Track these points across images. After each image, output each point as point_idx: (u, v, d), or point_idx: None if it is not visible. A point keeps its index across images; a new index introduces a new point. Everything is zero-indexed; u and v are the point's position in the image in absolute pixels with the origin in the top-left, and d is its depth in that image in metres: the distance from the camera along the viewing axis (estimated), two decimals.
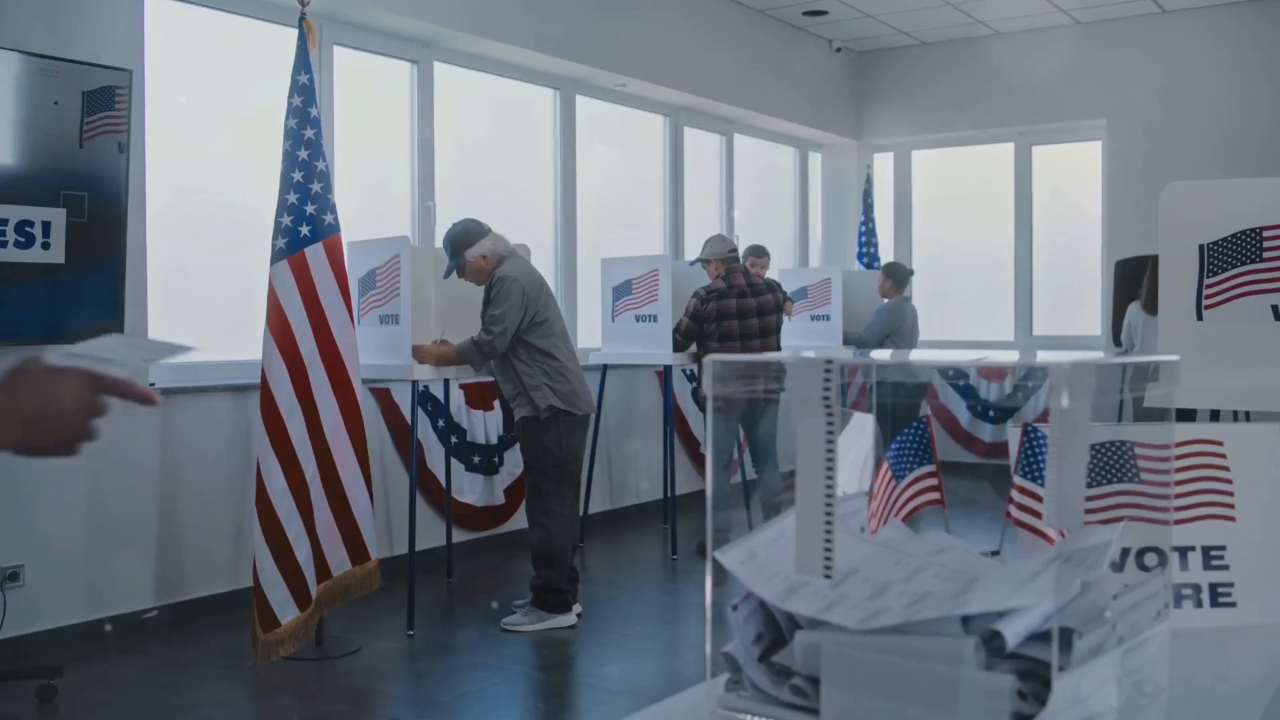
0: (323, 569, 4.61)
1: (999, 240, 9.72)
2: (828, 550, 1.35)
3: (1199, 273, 3.08)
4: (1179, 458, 1.89)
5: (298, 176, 4.56)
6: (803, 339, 8.05)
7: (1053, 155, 9.61)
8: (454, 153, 6.77)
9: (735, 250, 6.45)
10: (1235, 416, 4.51)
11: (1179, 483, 1.88)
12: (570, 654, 4.82)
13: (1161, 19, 8.80)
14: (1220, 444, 1.88)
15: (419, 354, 5.01)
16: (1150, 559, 1.86)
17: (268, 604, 4.42)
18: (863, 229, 9.78)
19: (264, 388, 4.48)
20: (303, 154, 4.59)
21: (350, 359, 4.69)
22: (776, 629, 1.47)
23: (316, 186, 4.61)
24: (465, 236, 5.07)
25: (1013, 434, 1.77)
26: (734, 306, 6.23)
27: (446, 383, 6.03)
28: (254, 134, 5.60)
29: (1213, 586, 1.84)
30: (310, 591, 4.53)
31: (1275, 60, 8.41)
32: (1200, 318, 3.07)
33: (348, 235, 5.88)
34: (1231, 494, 1.87)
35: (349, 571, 4.70)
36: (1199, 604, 1.84)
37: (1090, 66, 9.02)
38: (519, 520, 6.51)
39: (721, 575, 1.46)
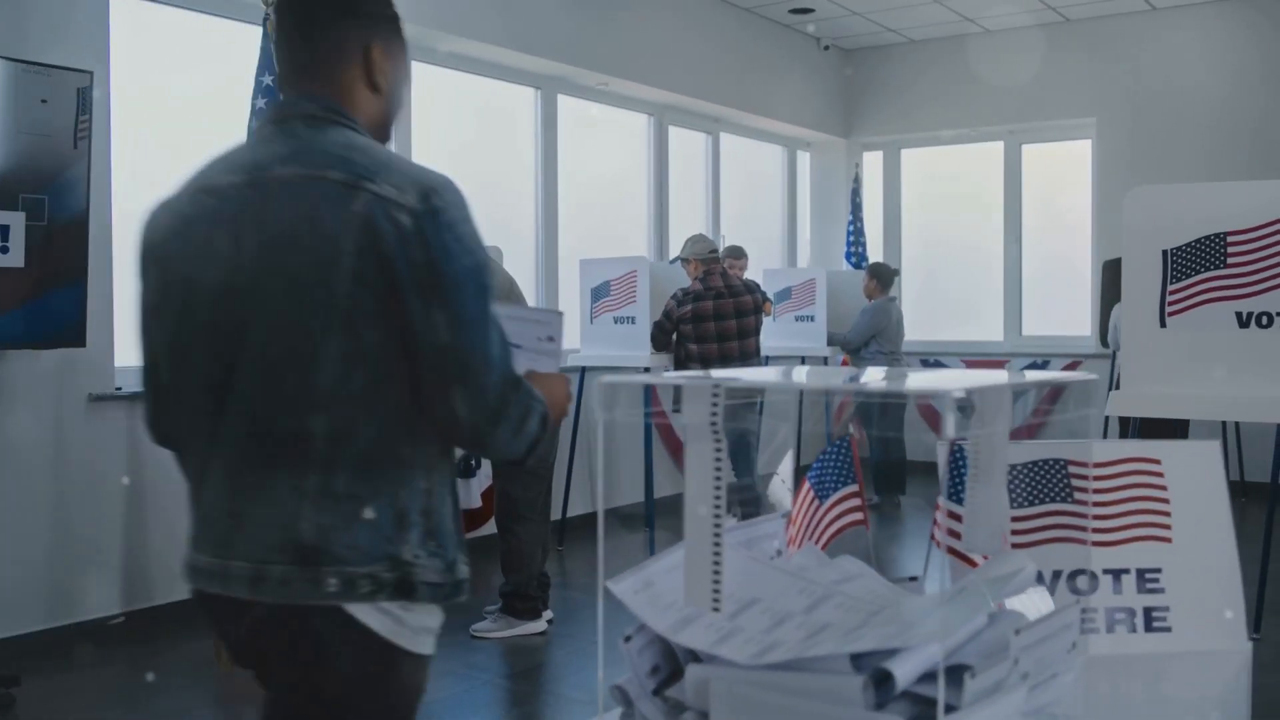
0: None
1: (989, 240, 9.65)
2: (716, 583, 1.29)
3: (1162, 278, 3.02)
4: (1115, 476, 1.83)
5: None
6: (787, 340, 7.99)
7: (1043, 154, 9.53)
8: (433, 154, 6.71)
9: (715, 251, 6.39)
10: (1225, 427, 4.45)
11: (1114, 503, 1.82)
12: (539, 662, 4.76)
13: (1152, 16, 8.72)
14: (1157, 462, 1.82)
15: None
16: (1082, 582, 1.80)
17: None
18: (851, 228, 9.70)
19: None
20: None
21: None
22: (675, 660, 1.41)
23: None
24: None
25: (940, 450, 1.71)
26: (711, 308, 6.16)
27: None
28: (224, 135, 5.54)
29: (1147, 611, 1.78)
30: None
31: (1266, 58, 8.34)
32: (1164, 324, 3.01)
33: None
34: (1168, 514, 1.81)
35: None
36: (1133, 629, 1.78)
37: (1079, 65, 8.95)
38: (487, 528, 6.45)
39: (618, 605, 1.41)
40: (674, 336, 6.30)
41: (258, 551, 1.65)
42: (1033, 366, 8.97)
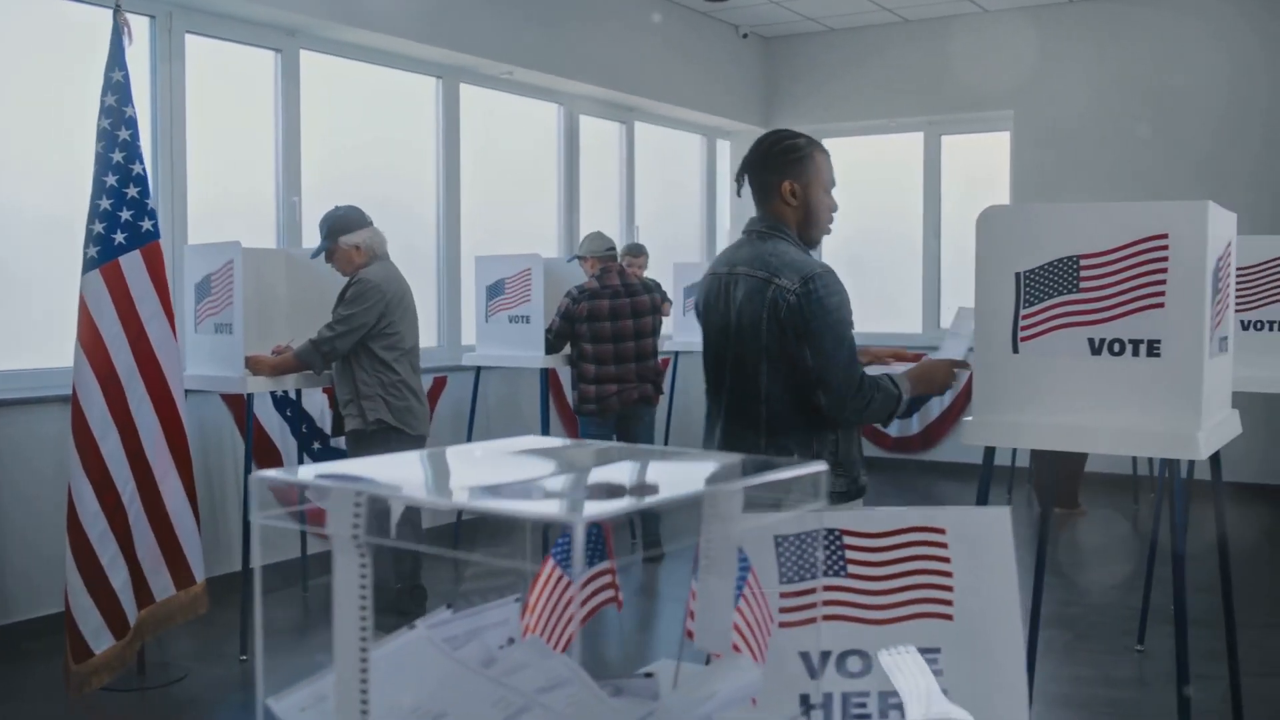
0: (144, 594, 4.36)
1: (909, 232, 9.56)
2: (364, 707, 1.14)
3: (1015, 302, 2.90)
4: (896, 548, 1.69)
5: (111, 180, 4.27)
6: (695, 335, 7.84)
7: (962, 146, 9.45)
8: (325, 146, 6.49)
9: (613, 249, 6.23)
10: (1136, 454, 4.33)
11: (894, 576, 1.68)
12: None
13: (1068, 8, 8.65)
14: (942, 531, 1.69)
15: (254, 365, 4.76)
16: (854, 663, 1.67)
17: (79, 633, 4.17)
18: None
19: (75, 405, 4.20)
20: (117, 156, 4.30)
21: (173, 373, 4.42)
22: None
23: (133, 191, 4.33)
24: (344, 222, 4.86)
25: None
26: (606, 307, 6.01)
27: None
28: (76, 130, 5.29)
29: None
30: (129, 619, 4.28)
31: (1190, 51, 8.29)
32: (1016, 350, 2.89)
33: (207, 236, 5.63)
34: (951, 589, 1.68)
35: (173, 596, 4.44)
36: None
37: (998, 56, 8.87)
38: None
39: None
40: (569, 338, 6.15)
41: None
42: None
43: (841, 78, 9.57)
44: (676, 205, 9.61)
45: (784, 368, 2.84)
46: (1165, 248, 2.77)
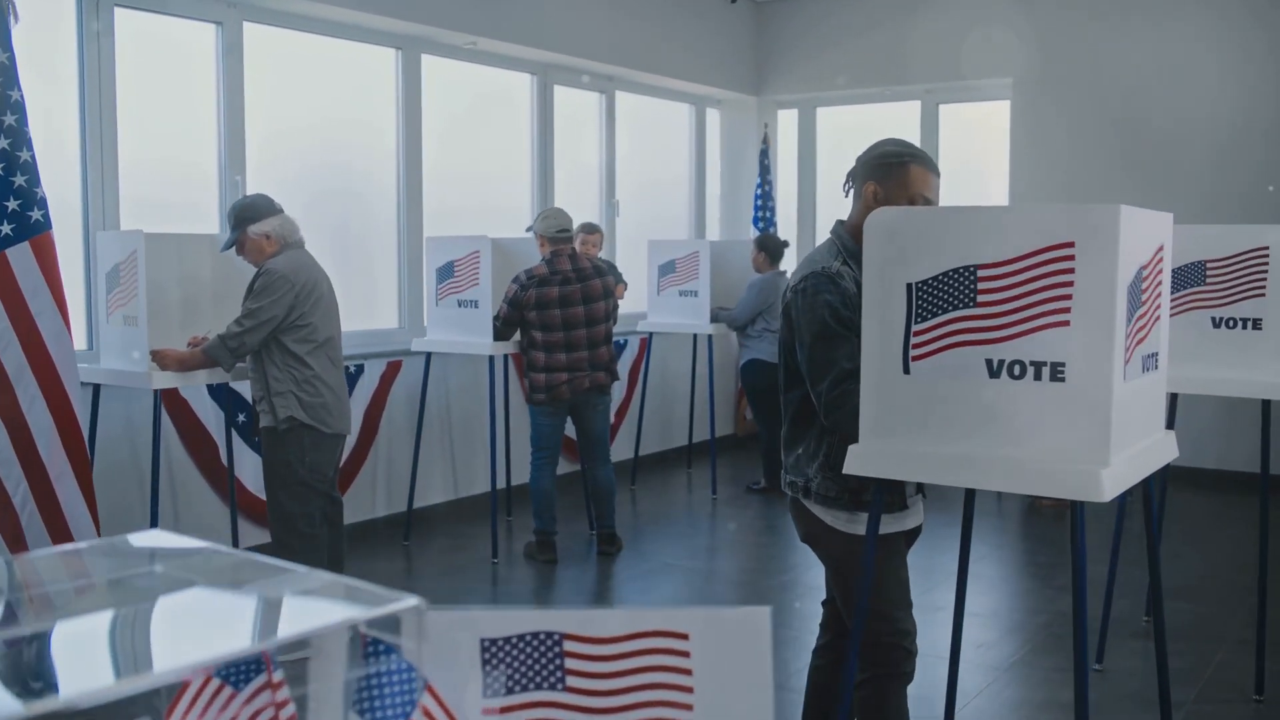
0: None
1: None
2: None
3: (906, 316, 2.59)
4: (628, 656, 1.41)
5: None
6: (670, 316, 7.56)
7: (961, 115, 9.05)
8: (273, 124, 6.22)
9: (567, 231, 5.92)
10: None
11: (623, 690, 1.41)
12: None
13: None
14: (685, 637, 1.41)
15: (161, 359, 4.53)
16: None
17: None
18: (759, 192, 9.24)
19: None
20: (2, 143, 4.06)
21: (67, 370, 4.21)
22: None
23: (20, 180, 4.10)
24: (250, 210, 4.58)
25: None
26: (556, 294, 5.72)
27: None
28: None
29: None
30: None
31: (1197, 13, 7.84)
32: (907, 370, 2.59)
33: (145, 219, 5.40)
34: (690, 707, 1.40)
35: None
36: None
37: (997, 22, 8.43)
38: None
39: None
40: (519, 325, 5.88)
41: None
42: None
43: (837, 44, 9.17)
44: (662, 180, 9.27)
45: (793, 363, 2.90)
46: (1071, 258, 2.45)
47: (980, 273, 2.54)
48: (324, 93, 6.65)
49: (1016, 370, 2.50)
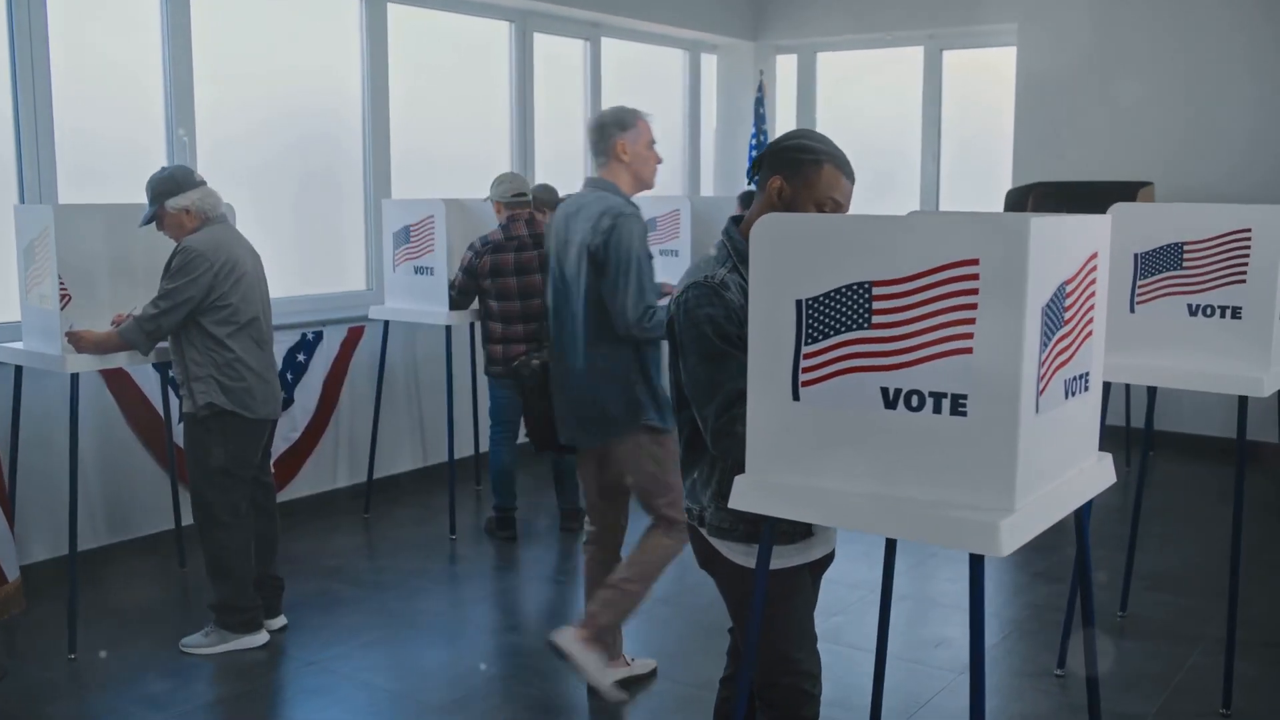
0: None
1: (906, 154, 8.80)
2: None
3: (796, 337, 2.31)
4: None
5: None
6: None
7: (965, 62, 8.62)
8: (223, 77, 5.94)
9: (524, 195, 5.63)
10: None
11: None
12: (251, 687, 4.19)
13: None
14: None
15: (77, 341, 4.31)
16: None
17: None
18: (754, 142, 8.88)
19: None
20: None
21: None
22: None
23: None
24: (169, 184, 4.32)
25: None
26: (511, 261, 5.46)
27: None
28: None
29: None
30: None
31: None
32: (797, 397, 2.32)
33: (83, 192, 5.17)
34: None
35: None
36: None
37: None
38: (286, 493, 5.91)
39: None
40: (474, 294, 5.62)
41: None
42: None
43: None
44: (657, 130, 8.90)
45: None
46: (975, 277, 2.15)
47: (876, 290, 2.25)
48: (281, 43, 6.34)
49: (914, 401, 2.22)
